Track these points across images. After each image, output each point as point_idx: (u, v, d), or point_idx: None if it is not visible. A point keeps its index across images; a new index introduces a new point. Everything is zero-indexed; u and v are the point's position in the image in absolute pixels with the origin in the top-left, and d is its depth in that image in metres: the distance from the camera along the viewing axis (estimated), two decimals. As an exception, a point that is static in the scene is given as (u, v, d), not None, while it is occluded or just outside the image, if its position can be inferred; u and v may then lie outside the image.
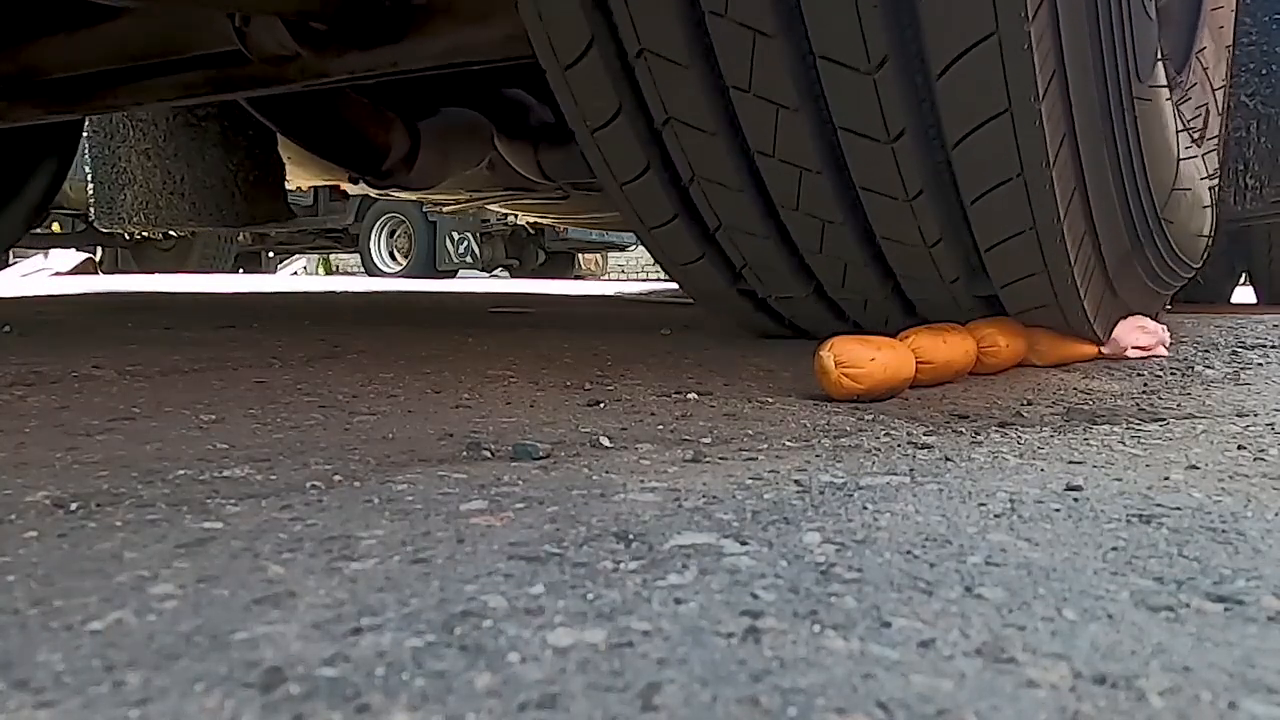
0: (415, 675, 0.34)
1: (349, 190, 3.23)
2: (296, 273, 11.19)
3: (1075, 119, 1.03)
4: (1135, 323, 1.36)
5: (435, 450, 0.75)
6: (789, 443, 0.80)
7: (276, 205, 2.63)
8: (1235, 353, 1.47)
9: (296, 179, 2.69)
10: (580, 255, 9.09)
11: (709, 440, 0.80)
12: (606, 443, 0.78)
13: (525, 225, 7.25)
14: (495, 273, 8.46)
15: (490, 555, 0.47)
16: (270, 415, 0.88)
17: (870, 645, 0.37)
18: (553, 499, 0.59)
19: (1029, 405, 1.01)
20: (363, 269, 8.74)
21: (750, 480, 0.65)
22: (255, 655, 0.35)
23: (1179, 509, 0.58)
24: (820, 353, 1.00)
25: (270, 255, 9.86)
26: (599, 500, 0.59)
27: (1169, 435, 0.84)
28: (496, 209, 3.96)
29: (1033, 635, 0.38)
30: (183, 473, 0.65)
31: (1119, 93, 1.12)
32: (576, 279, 8.43)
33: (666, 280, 2.28)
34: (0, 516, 0.54)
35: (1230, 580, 0.45)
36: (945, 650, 0.37)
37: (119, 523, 0.53)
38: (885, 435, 0.83)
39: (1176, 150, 1.34)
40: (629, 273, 10.66)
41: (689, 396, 1.03)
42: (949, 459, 0.73)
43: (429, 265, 8.07)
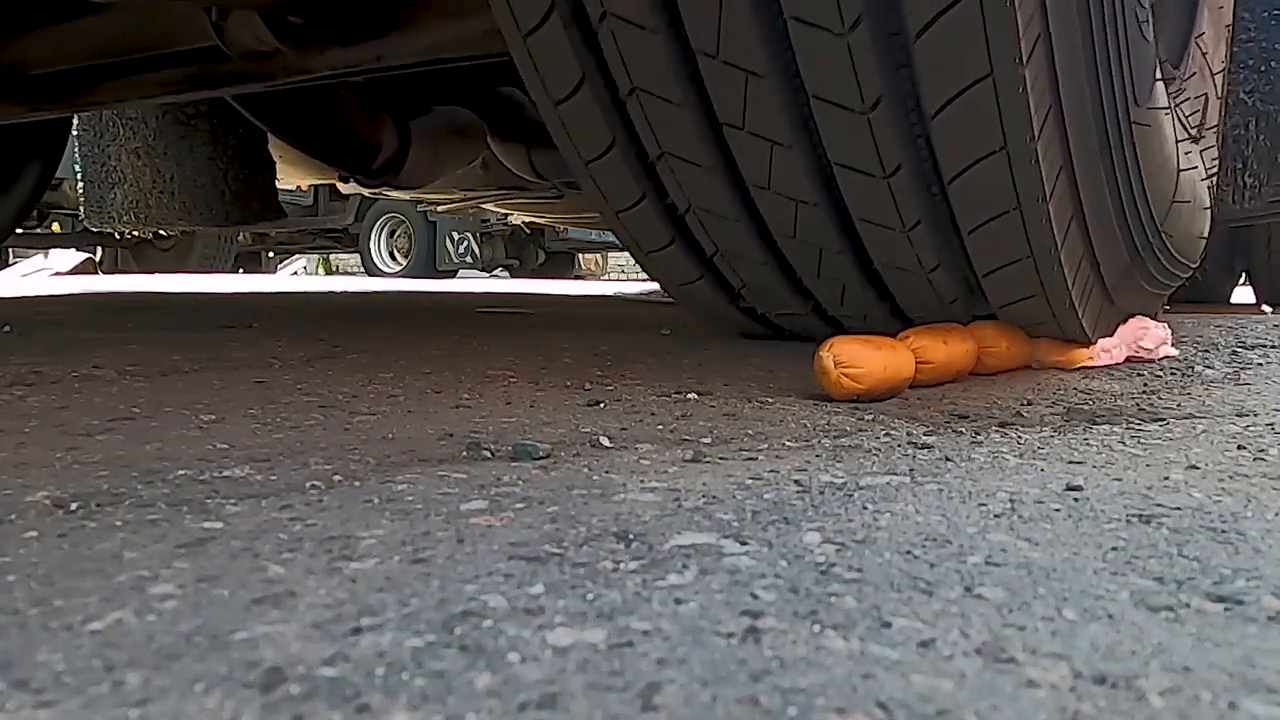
0: (415, 675, 0.34)
1: (344, 190, 3.23)
2: (296, 273, 11.19)
3: (1072, 152, 1.04)
4: (1138, 324, 1.34)
5: (435, 450, 0.75)
6: (789, 443, 0.80)
7: (267, 204, 2.62)
8: (1235, 353, 1.47)
9: (288, 178, 2.68)
10: (580, 255, 9.10)
11: (709, 440, 0.80)
12: (606, 443, 0.78)
13: (520, 225, 7.24)
14: (495, 273, 8.47)
15: (490, 555, 0.47)
16: (270, 415, 0.88)
17: (870, 645, 0.37)
18: (553, 499, 0.59)
19: (1029, 405, 1.01)
20: (363, 269, 8.75)
21: (750, 480, 0.65)
22: (255, 655, 0.35)
23: (1179, 509, 0.58)
24: (820, 353, 1.00)
25: (270, 255, 9.86)
26: (599, 500, 0.59)
27: (1169, 435, 0.84)
28: (492, 209, 3.96)
29: (1033, 635, 0.38)
30: (183, 473, 0.65)
31: (1117, 120, 1.11)
32: (576, 279, 8.43)
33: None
34: (0, 516, 0.54)
35: (1230, 580, 0.45)
36: (945, 650, 0.37)
37: (119, 523, 0.53)
38: (885, 435, 0.83)
39: (1177, 162, 1.33)
40: (629, 273, 10.66)
41: (689, 396, 1.03)
42: (949, 459, 0.73)
43: (429, 265, 8.08)
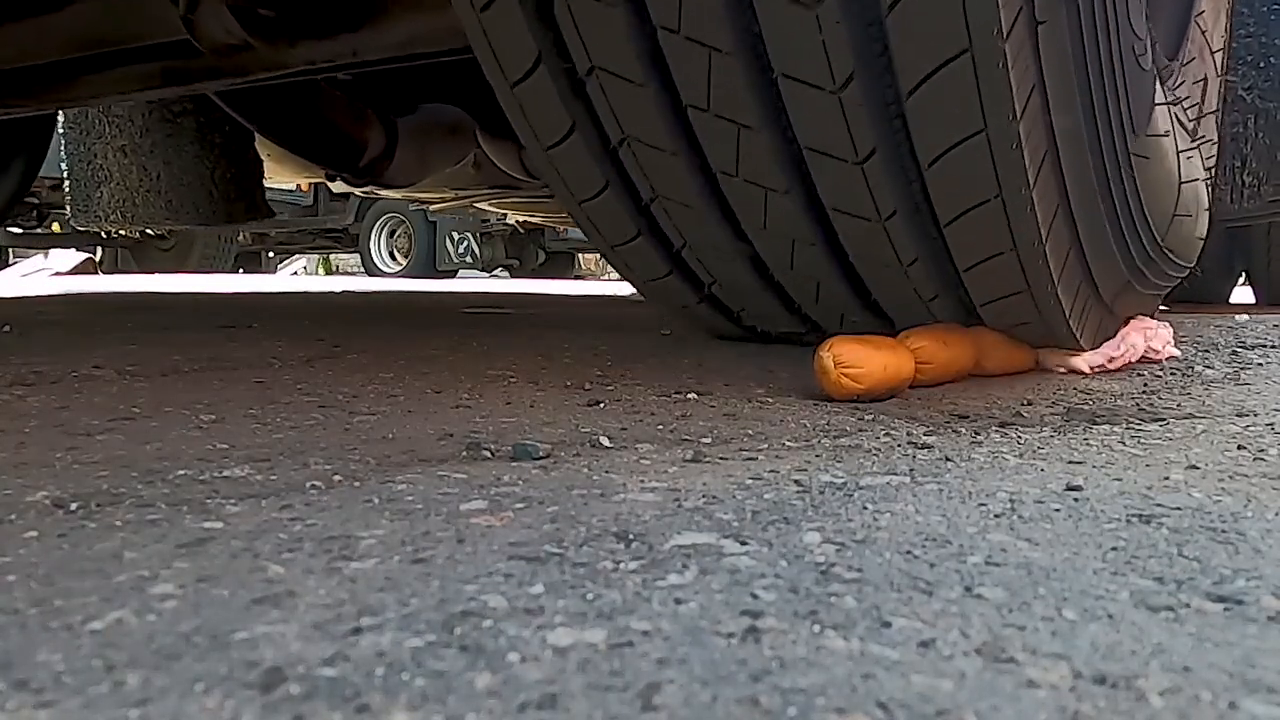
0: (415, 675, 0.34)
1: (337, 189, 3.21)
2: (296, 273, 11.19)
3: (1059, 143, 0.98)
4: (1140, 325, 1.32)
5: (435, 450, 0.75)
6: (789, 443, 0.80)
7: (255, 203, 2.60)
8: (1235, 353, 1.47)
9: (275, 177, 2.67)
10: (580, 255, 9.09)
11: (709, 440, 0.80)
12: (606, 443, 0.78)
13: (515, 224, 7.22)
14: (495, 273, 8.47)
15: (490, 555, 0.47)
16: (270, 415, 0.88)
17: (870, 645, 0.37)
18: (553, 499, 0.59)
19: (1029, 405, 1.01)
20: (363, 269, 8.75)
21: (750, 480, 0.65)
22: (255, 655, 0.35)
23: (1179, 509, 0.58)
24: (820, 353, 1.00)
25: (270, 255, 9.86)
26: (599, 500, 0.59)
27: (1169, 435, 0.84)
28: (486, 208, 3.95)
29: (1033, 635, 0.38)
30: (183, 473, 0.65)
31: (1115, 154, 1.08)
32: (577, 279, 8.43)
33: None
34: (0, 516, 0.54)
35: (1230, 580, 0.45)
36: (945, 650, 0.37)
37: (119, 523, 0.53)
38: (885, 435, 0.83)
39: (1179, 176, 1.29)
40: (629, 273, 10.64)
41: (689, 396, 1.03)
42: (949, 459, 0.73)
43: (429, 265, 8.08)
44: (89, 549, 0.48)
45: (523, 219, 4.72)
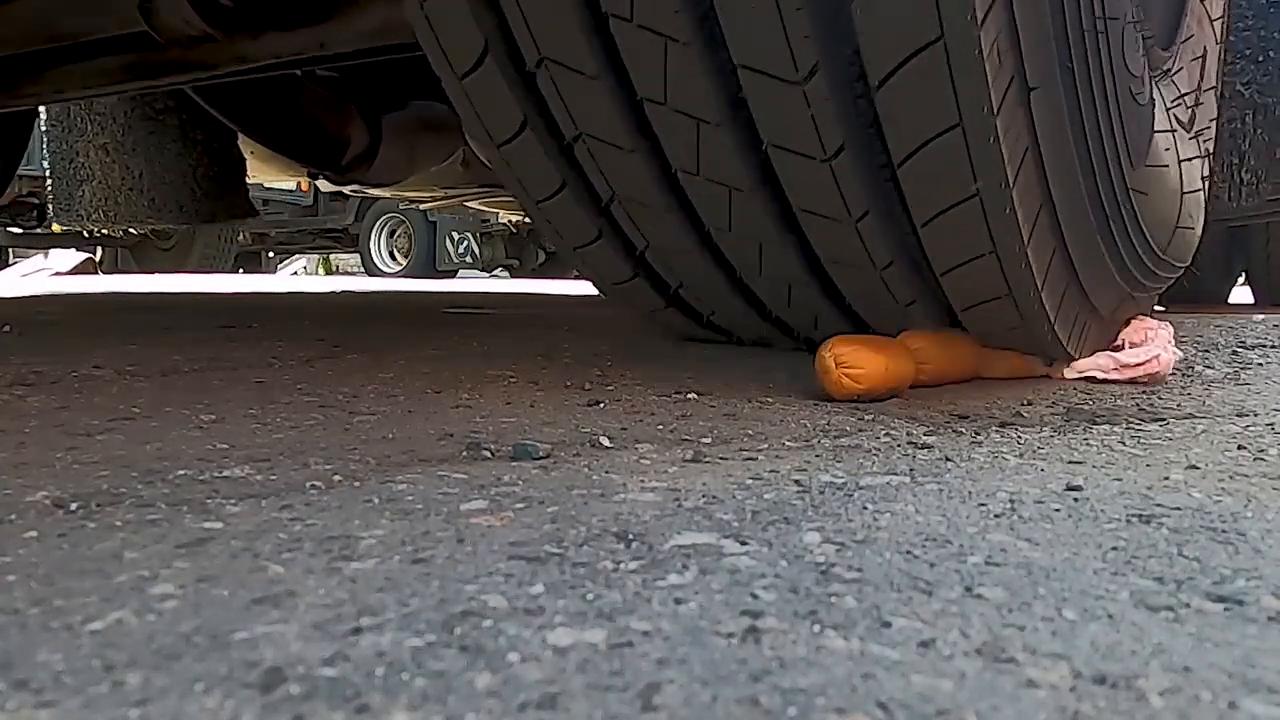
0: (415, 675, 0.34)
1: (324, 187, 3.19)
2: (296, 273, 11.19)
3: (1042, 143, 0.93)
4: (1141, 326, 1.27)
5: (435, 450, 0.75)
6: (789, 443, 0.80)
7: (238, 202, 2.58)
8: (1235, 353, 1.47)
9: (259, 175, 2.65)
10: (580, 255, 9.07)
11: (709, 440, 0.80)
12: (606, 443, 0.78)
13: (509, 224, 7.20)
14: (495, 273, 8.46)
15: (490, 555, 0.47)
16: (270, 415, 0.88)
17: (870, 645, 0.37)
18: (553, 499, 0.59)
19: (1029, 405, 1.01)
20: (363, 269, 8.75)
21: (750, 480, 0.65)
22: (255, 655, 0.35)
23: (1179, 509, 0.58)
24: (821, 352, 1.00)
25: (270, 255, 9.86)
26: (599, 500, 0.59)
27: (1169, 435, 0.84)
28: (477, 207, 3.93)
29: (1033, 635, 0.38)
30: (183, 473, 0.65)
31: (1114, 193, 1.04)
32: (577, 279, 8.42)
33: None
34: (0, 516, 0.54)
35: (1230, 580, 0.45)
36: (945, 650, 0.37)
37: (119, 523, 0.53)
38: (885, 435, 0.83)
39: (1181, 188, 1.25)
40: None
41: (689, 396, 1.03)
42: (949, 459, 0.73)
43: (429, 265, 8.08)
44: (89, 549, 0.48)
45: (517, 219, 4.70)
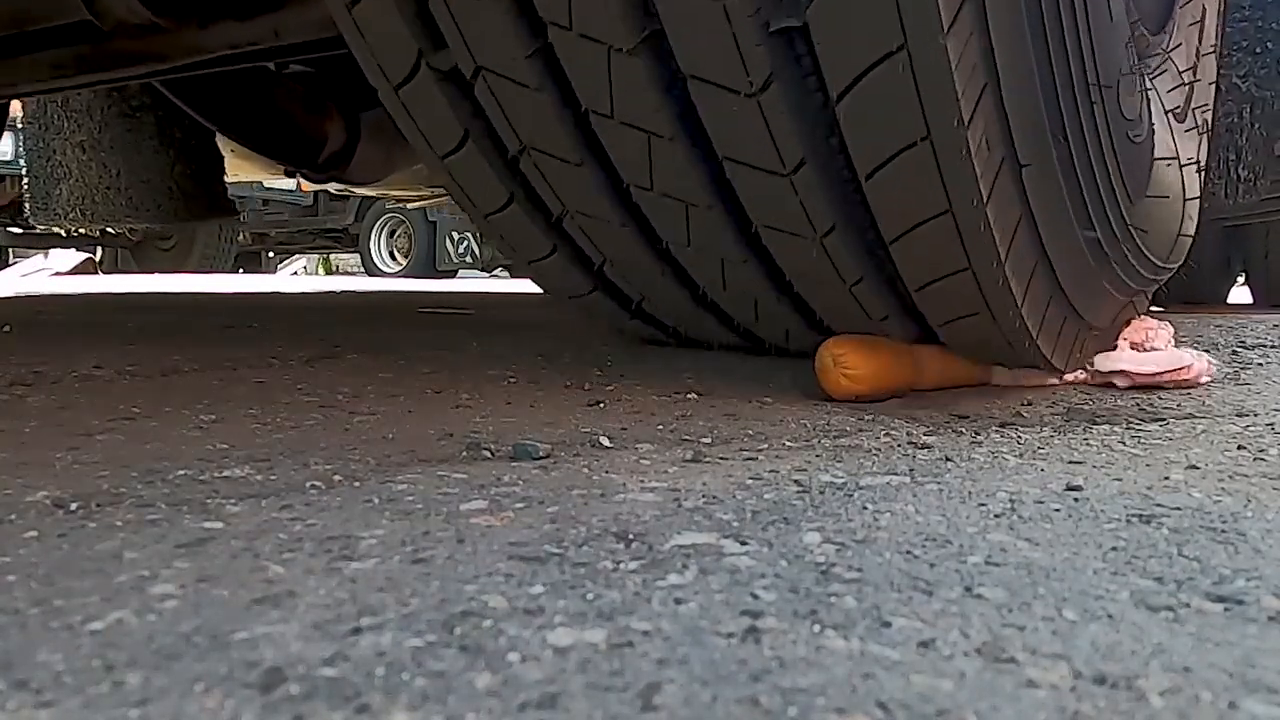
0: (415, 675, 0.34)
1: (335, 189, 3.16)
2: (296, 273, 11.19)
3: (1019, 152, 0.86)
4: (1142, 326, 1.23)
5: (435, 450, 0.75)
6: (789, 443, 0.80)
7: (216, 200, 2.55)
8: (1235, 352, 1.47)
9: (238, 172, 2.63)
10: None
11: (709, 440, 0.80)
12: (606, 443, 0.78)
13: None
14: (495, 273, 8.47)
15: (490, 555, 0.47)
16: (270, 415, 0.88)
17: (870, 645, 0.37)
18: (553, 499, 0.59)
19: (1029, 405, 1.01)
20: (363, 269, 8.75)
21: (750, 480, 0.65)
22: (255, 655, 0.35)
23: (1179, 509, 0.58)
24: (821, 352, 1.00)
25: (270, 255, 9.86)
26: (599, 500, 0.59)
27: (1169, 435, 0.84)
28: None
29: (1033, 635, 0.38)
30: (183, 473, 0.65)
31: (1113, 231, 1.01)
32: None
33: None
34: (0, 516, 0.54)
35: (1230, 580, 0.45)
36: (945, 650, 0.37)
37: (119, 523, 0.53)
38: (885, 435, 0.83)
39: (1184, 196, 1.21)
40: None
41: (689, 396, 1.03)
42: (949, 459, 0.73)
43: (429, 265, 8.08)
44: (89, 549, 0.48)
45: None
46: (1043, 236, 0.93)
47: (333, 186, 2.83)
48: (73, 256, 8.77)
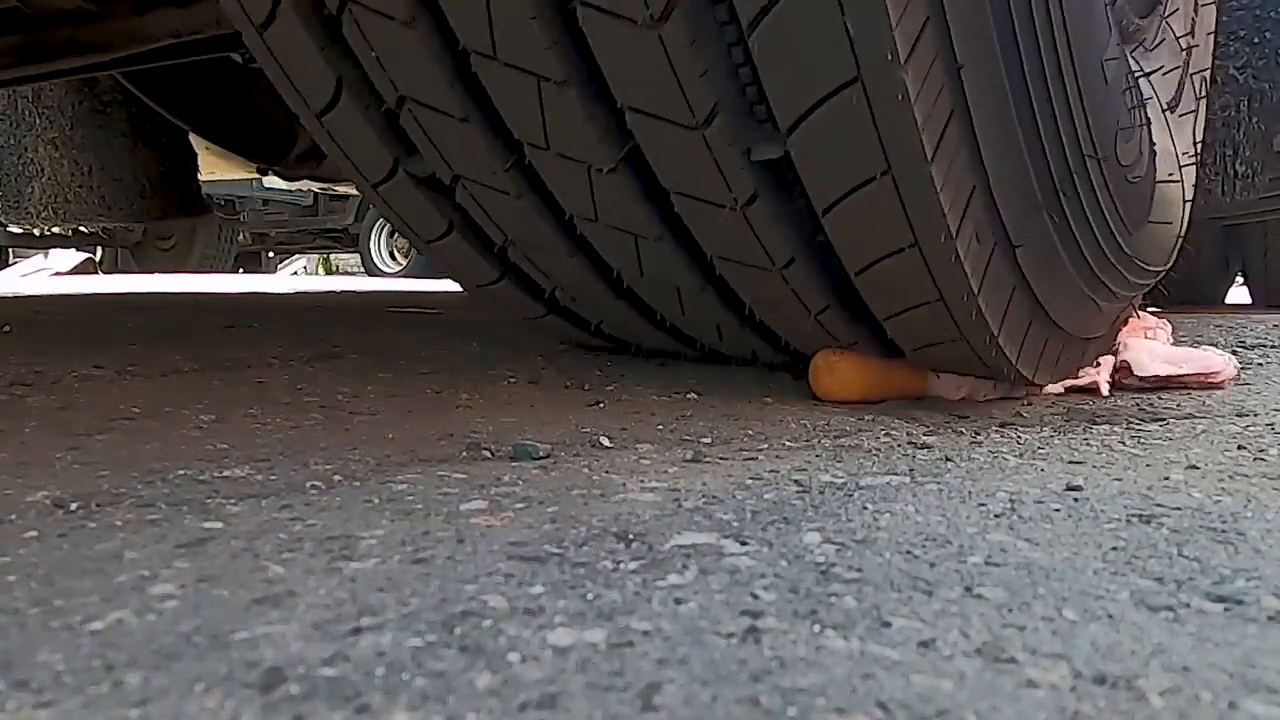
0: (415, 675, 0.34)
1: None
2: (296, 273, 11.19)
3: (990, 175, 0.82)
4: (1140, 325, 1.23)
5: (435, 450, 0.75)
6: (789, 443, 0.80)
7: (190, 198, 2.53)
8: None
9: (213, 170, 2.62)
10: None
11: (709, 440, 0.80)
12: (606, 443, 0.78)
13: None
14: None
15: (490, 555, 0.47)
16: (270, 415, 0.88)
17: (870, 645, 0.37)
18: (553, 499, 0.59)
19: (1029, 405, 1.01)
20: (363, 269, 8.75)
21: (750, 480, 0.65)
22: (255, 655, 0.35)
23: (1179, 509, 0.58)
24: (814, 359, 1.01)
25: (270, 255, 9.85)
26: (599, 500, 0.59)
27: (1169, 435, 0.84)
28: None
29: (1033, 635, 0.38)
30: (183, 473, 0.65)
31: (1109, 261, 0.98)
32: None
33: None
34: (0, 516, 0.54)
35: (1230, 580, 0.45)
36: (945, 650, 0.37)
37: (119, 523, 0.53)
38: (885, 435, 0.83)
39: (1183, 197, 1.18)
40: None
41: (689, 396, 1.03)
42: (949, 459, 0.73)
43: (429, 265, 8.06)
44: (89, 549, 0.48)
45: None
46: (1023, 266, 0.89)
47: (337, 187, 2.81)
48: (73, 256, 8.76)
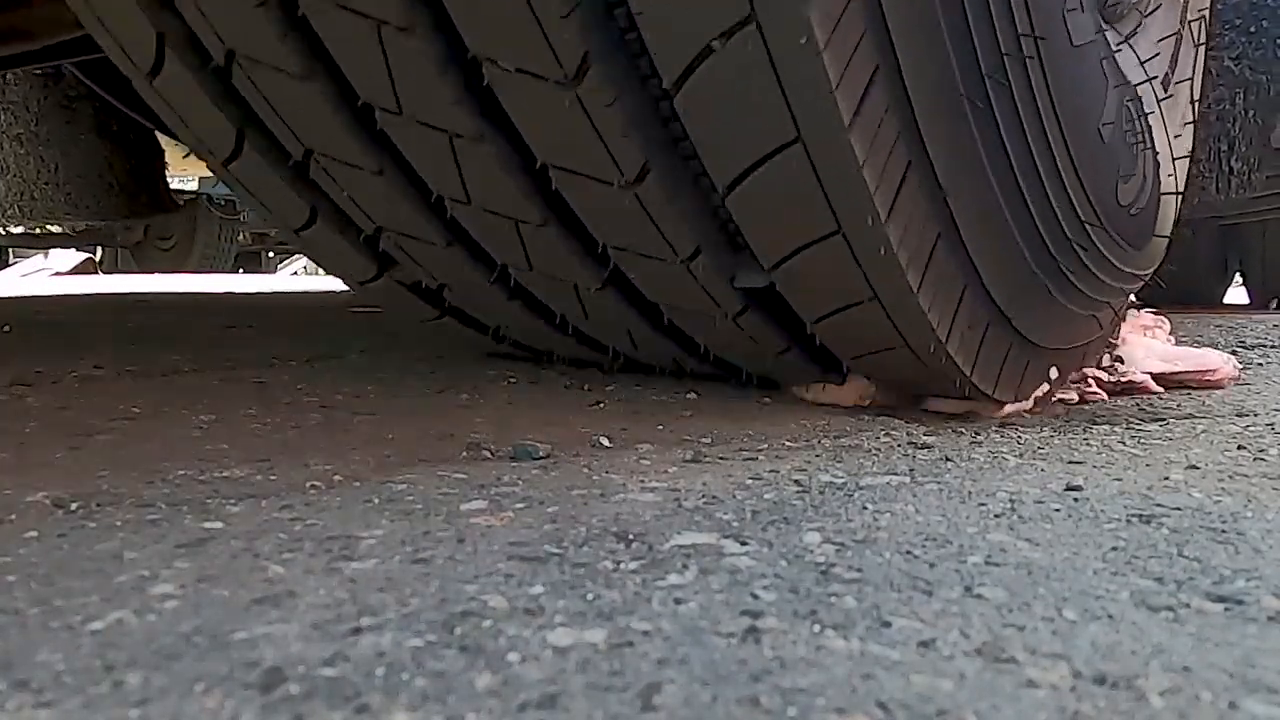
0: (415, 675, 0.34)
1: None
2: (296, 273, 11.19)
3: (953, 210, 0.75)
4: (1138, 324, 1.21)
5: (435, 450, 0.75)
6: (789, 443, 0.80)
7: (157, 196, 2.51)
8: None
9: (184, 169, 2.61)
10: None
11: (709, 440, 0.80)
12: (606, 443, 0.78)
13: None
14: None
15: (490, 555, 0.47)
16: (270, 415, 0.88)
17: (870, 645, 0.37)
18: (553, 499, 0.59)
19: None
20: (363, 269, 8.72)
21: (750, 480, 0.65)
22: (255, 655, 0.35)
23: (1179, 509, 0.58)
24: None
25: (270, 255, 9.85)
26: (599, 500, 0.59)
27: (1169, 435, 0.84)
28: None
29: (1033, 635, 0.38)
30: (183, 473, 0.65)
31: (1100, 281, 0.96)
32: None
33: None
34: (0, 516, 0.54)
35: (1230, 580, 0.45)
36: (945, 650, 0.37)
37: (119, 523, 0.53)
38: (885, 435, 0.83)
39: (1177, 196, 1.14)
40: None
41: (689, 396, 1.03)
42: (949, 459, 0.73)
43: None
44: (89, 549, 0.48)
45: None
46: (976, 263, 0.80)
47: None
48: (73, 256, 8.76)
